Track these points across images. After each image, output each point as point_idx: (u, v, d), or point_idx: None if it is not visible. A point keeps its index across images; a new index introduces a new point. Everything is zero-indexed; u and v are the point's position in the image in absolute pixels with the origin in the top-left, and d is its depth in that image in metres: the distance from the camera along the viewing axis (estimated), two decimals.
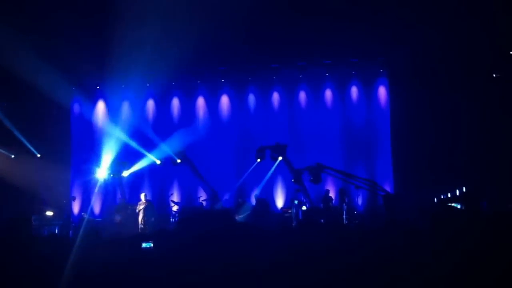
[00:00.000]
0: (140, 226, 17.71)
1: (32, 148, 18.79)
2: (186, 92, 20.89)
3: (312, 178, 17.08)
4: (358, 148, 19.29)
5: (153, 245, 5.73)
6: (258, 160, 18.75)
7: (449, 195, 16.22)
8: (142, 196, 18.41)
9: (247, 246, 3.30)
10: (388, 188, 18.85)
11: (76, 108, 21.31)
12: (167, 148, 19.61)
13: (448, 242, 3.24)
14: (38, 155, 18.77)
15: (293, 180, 17.91)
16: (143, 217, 17.82)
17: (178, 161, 19.47)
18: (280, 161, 18.33)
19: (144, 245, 5.77)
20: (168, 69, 20.25)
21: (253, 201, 18.98)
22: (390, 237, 4.49)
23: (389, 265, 3.37)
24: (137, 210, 17.96)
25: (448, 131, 17.23)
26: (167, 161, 19.75)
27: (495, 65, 17.40)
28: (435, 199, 16.38)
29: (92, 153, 20.48)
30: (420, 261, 3.22)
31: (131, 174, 20.10)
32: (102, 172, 19.45)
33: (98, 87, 21.12)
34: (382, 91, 19.77)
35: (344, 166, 18.52)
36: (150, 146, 20.05)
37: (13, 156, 18.93)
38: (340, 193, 18.21)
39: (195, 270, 2.95)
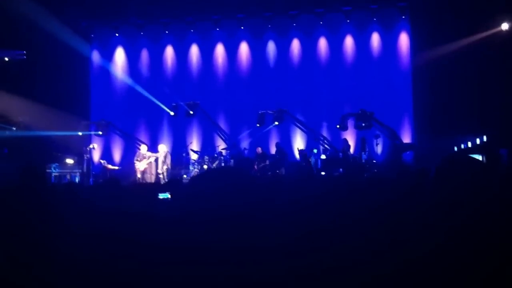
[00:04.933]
0: (159, 176, 17.94)
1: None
2: (204, 40, 20.65)
3: (364, 124, 17.55)
4: (378, 96, 19.03)
5: (171, 196, 5.70)
6: (258, 125, 19.02)
7: (469, 144, 16.12)
8: (160, 147, 18.58)
9: (263, 199, 3.26)
10: (408, 137, 18.79)
11: (95, 55, 21.27)
12: (180, 99, 19.73)
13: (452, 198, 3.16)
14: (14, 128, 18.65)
15: (338, 126, 18.24)
16: (163, 167, 18.01)
17: (191, 112, 19.61)
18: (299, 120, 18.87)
19: (161, 195, 5.75)
20: (186, 16, 20.18)
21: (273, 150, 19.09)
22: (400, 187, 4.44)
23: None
24: (153, 160, 18.18)
25: (471, 78, 16.92)
26: (182, 113, 19.83)
27: None
28: (455, 148, 16.32)
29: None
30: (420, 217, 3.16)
31: (148, 125, 20.39)
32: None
33: (116, 35, 20.97)
34: (403, 38, 19.43)
35: None
36: (165, 96, 20.09)
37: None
38: (362, 142, 18.15)
39: (211, 224, 2.92)
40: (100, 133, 19.82)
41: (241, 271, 2.64)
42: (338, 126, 18.61)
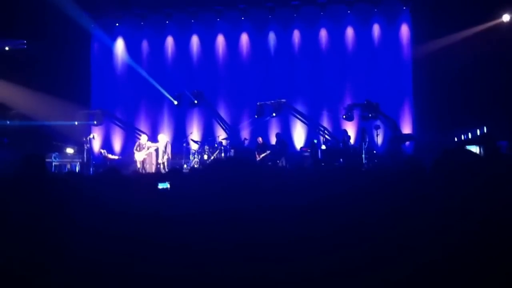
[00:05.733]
0: (158, 166, 17.93)
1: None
2: (205, 30, 20.59)
3: (371, 115, 17.54)
4: (379, 87, 18.98)
5: (170, 186, 5.69)
6: (256, 116, 19.05)
7: (469, 135, 16.11)
8: (160, 136, 18.54)
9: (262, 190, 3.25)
10: (408, 128, 18.76)
11: (96, 45, 21.21)
12: (184, 88, 19.75)
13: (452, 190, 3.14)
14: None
15: (344, 116, 18.29)
16: (163, 157, 18.00)
17: (195, 102, 19.63)
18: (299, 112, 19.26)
19: (160, 185, 5.74)
20: (188, 7, 20.13)
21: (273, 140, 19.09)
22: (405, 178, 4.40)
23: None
24: (153, 150, 18.14)
25: (471, 70, 16.87)
26: (185, 102, 19.85)
27: None
28: (455, 139, 16.32)
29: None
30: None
31: (148, 114, 20.40)
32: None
33: (117, 24, 20.91)
34: (404, 29, 19.35)
35: None
36: (166, 85, 20.08)
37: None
38: (362, 132, 18.15)
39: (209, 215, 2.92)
40: (95, 122, 19.80)
41: (245, 267, 2.64)
42: (344, 117, 18.61)
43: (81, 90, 20.23)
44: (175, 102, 19.86)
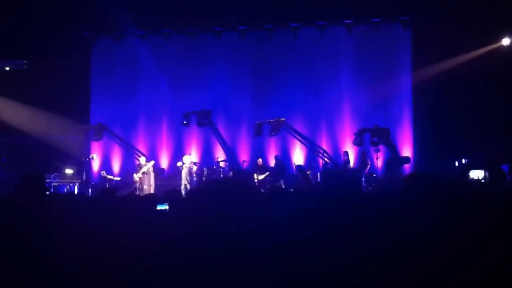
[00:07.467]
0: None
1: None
2: (204, 51, 20.59)
3: (384, 141, 17.55)
4: (378, 110, 19.00)
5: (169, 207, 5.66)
6: (255, 135, 19.07)
7: (470, 159, 16.08)
8: (185, 158, 18.38)
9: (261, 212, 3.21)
10: (408, 153, 18.70)
11: (96, 64, 21.23)
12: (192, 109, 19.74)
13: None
14: None
15: (354, 142, 18.25)
16: (187, 177, 17.90)
17: (206, 121, 19.63)
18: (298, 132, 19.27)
19: (159, 207, 5.71)
20: (187, 28, 20.22)
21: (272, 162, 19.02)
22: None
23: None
24: (150, 168, 18.03)
25: (472, 92, 16.86)
26: (193, 122, 19.80)
27: None
28: (456, 164, 16.28)
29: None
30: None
31: (148, 136, 20.35)
32: None
33: (117, 44, 20.95)
34: (404, 52, 19.34)
35: None
36: (167, 105, 20.11)
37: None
38: (362, 155, 18.12)
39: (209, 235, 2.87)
40: (94, 137, 19.84)
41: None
42: (354, 143, 18.54)
43: (81, 109, 20.24)
44: (184, 122, 19.78)
